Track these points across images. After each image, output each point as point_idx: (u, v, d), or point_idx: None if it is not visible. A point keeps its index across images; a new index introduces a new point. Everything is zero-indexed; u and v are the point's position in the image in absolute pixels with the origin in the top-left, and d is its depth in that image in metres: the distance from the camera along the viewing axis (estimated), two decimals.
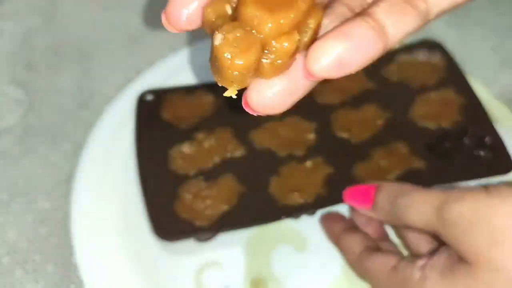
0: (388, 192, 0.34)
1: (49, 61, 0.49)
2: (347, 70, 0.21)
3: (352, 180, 0.38)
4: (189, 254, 0.37)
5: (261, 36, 0.21)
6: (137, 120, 0.43)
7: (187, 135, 0.42)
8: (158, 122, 0.43)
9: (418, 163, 0.40)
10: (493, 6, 0.51)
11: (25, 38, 0.50)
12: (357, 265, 0.34)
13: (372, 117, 0.43)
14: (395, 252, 0.35)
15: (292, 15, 0.21)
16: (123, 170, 0.41)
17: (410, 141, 0.41)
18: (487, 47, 0.49)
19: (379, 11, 0.22)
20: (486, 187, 0.30)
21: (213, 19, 0.23)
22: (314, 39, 0.22)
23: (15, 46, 0.50)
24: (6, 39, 0.50)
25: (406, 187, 0.33)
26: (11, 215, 0.39)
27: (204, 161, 0.40)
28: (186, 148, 0.41)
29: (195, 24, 0.24)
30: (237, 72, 0.21)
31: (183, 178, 0.40)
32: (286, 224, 0.38)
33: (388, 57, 0.45)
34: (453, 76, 0.44)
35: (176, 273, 0.36)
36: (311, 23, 0.22)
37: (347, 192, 0.36)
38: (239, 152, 0.41)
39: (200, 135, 0.42)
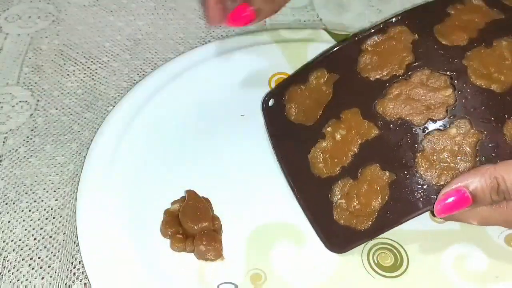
0: (484, 183, 0.33)
1: (55, 63, 0.49)
2: None
3: (509, 145, 0.34)
4: None
5: None
6: (269, 131, 0.42)
7: (317, 131, 0.39)
8: (288, 126, 0.41)
9: None
10: None
11: (32, 41, 0.51)
12: None
13: (510, 53, 0.36)
14: None
15: None
16: (128, 169, 0.41)
17: None
18: None
19: None
20: None
21: None
22: None
23: (22, 48, 0.50)
24: (13, 42, 0.51)
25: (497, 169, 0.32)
26: (18, 213, 0.39)
27: (342, 156, 0.37)
28: (322, 148, 0.39)
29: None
30: None
31: (330, 183, 0.37)
32: (286, 220, 0.39)
33: None
34: None
35: (179, 268, 0.37)
36: None
37: (440, 208, 0.34)
38: (373, 133, 0.37)
39: (329, 129, 0.39)
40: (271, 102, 0.44)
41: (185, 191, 0.39)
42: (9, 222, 0.39)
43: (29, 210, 0.40)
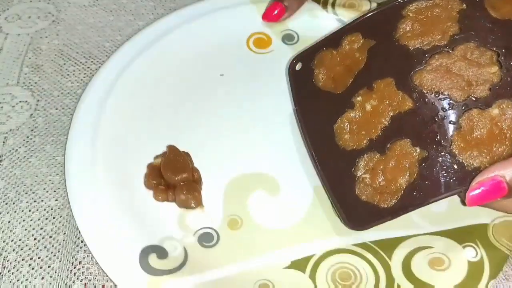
0: None
1: (55, 63, 0.49)
2: None
3: None
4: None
5: None
6: (295, 98, 0.40)
7: (346, 100, 0.37)
8: (315, 93, 0.39)
9: None
10: None
11: (32, 41, 0.51)
12: None
13: None
14: None
15: None
16: (113, 129, 0.43)
17: None
18: None
19: None
20: None
21: None
22: None
23: (22, 48, 0.50)
24: (13, 42, 0.51)
25: None
26: (18, 213, 0.40)
27: (371, 129, 0.36)
28: (349, 118, 0.37)
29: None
30: None
31: (355, 156, 0.36)
32: (261, 172, 0.42)
33: None
34: None
35: (162, 216, 0.39)
36: None
37: (472, 197, 0.32)
38: (407, 105, 0.34)
39: (359, 98, 0.37)
40: (298, 66, 0.42)
41: (166, 146, 0.42)
42: (9, 222, 0.39)
43: (29, 210, 0.40)
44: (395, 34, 0.36)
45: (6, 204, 0.40)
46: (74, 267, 0.37)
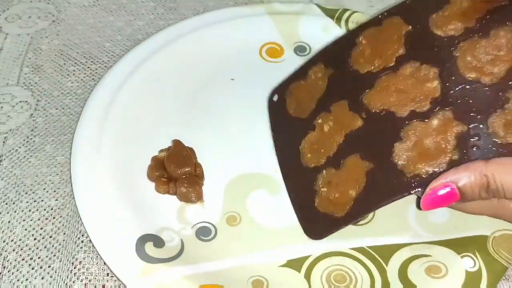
0: (473, 180, 0.32)
1: (55, 63, 0.49)
2: None
3: (491, 138, 0.33)
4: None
5: None
6: (272, 126, 0.44)
7: (309, 123, 0.41)
8: (286, 120, 0.43)
9: None
10: None
11: (32, 41, 0.51)
12: None
13: (507, 44, 0.34)
14: None
15: None
16: (122, 123, 0.44)
17: None
18: None
19: None
20: None
21: None
22: None
23: (22, 48, 0.50)
24: (13, 42, 0.51)
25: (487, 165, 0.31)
26: (18, 213, 0.40)
27: (328, 147, 0.39)
28: (311, 139, 0.40)
29: None
30: None
31: (316, 172, 0.39)
32: (263, 172, 0.42)
33: None
34: None
35: (162, 208, 0.40)
36: None
37: (426, 202, 0.33)
38: (357, 124, 0.38)
39: (319, 121, 0.40)
40: (275, 98, 0.45)
41: (171, 140, 0.43)
42: (9, 222, 0.39)
43: (29, 210, 0.40)
44: (350, 61, 0.40)
45: (6, 204, 0.40)
46: (74, 267, 0.37)
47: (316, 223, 0.38)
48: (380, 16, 0.40)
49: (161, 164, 0.41)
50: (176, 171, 0.40)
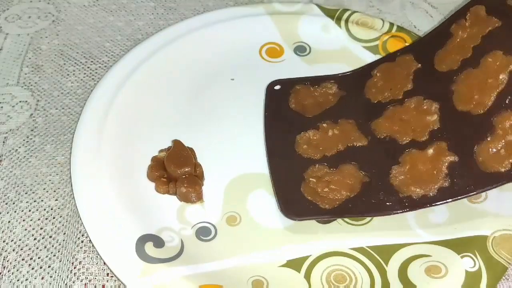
0: None
1: (55, 63, 0.49)
2: None
3: (476, 168, 0.36)
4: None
5: None
6: (267, 107, 0.45)
7: (312, 123, 0.43)
8: (286, 110, 0.45)
9: None
10: None
11: (32, 41, 0.51)
12: None
13: (493, 71, 0.37)
14: None
15: None
16: (122, 123, 0.44)
17: None
18: None
19: None
20: None
21: None
22: None
23: (22, 48, 0.50)
24: (13, 42, 0.51)
25: None
26: (18, 213, 0.40)
27: (328, 148, 0.41)
28: (311, 135, 0.42)
29: None
30: None
31: (308, 163, 0.41)
32: (263, 172, 0.42)
33: None
34: None
35: (162, 208, 0.40)
36: None
37: None
38: (362, 143, 0.41)
39: (324, 125, 0.43)
40: (277, 87, 0.46)
41: (171, 140, 0.43)
42: (9, 222, 0.39)
43: (29, 210, 0.40)
44: (363, 90, 0.45)
45: (6, 204, 0.40)
46: (74, 267, 0.37)
47: (298, 204, 0.39)
48: (393, 54, 0.45)
49: (161, 164, 0.41)
50: (176, 171, 0.40)
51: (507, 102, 0.36)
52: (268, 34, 0.51)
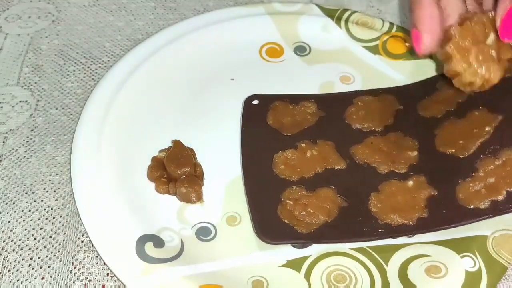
0: None
1: (55, 63, 0.49)
2: None
3: (456, 203, 0.38)
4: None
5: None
6: (244, 122, 0.44)
7: (290, 142, 0.42)
8: (263, 126, 0.44)
9: None
10: None
11: (32, 41, 0.51)
12: None
13: (479, 123, 0.40)
14: None
15: None
16: (122, 123, 0.44)
17: None
18: None
19: None
20: None
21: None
22: None
23: (22, 48, 0.50)
24: (13, 42, 0.51)
25: None
26: (18, 213, 0.40)
27: (306, 170, 0.41)
28: (289, 154, 0.42)
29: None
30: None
31: (285, 184, 0.40)
32: None
33: None
34: None
35: (162, 208, 0.40)
36: None
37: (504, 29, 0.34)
38: (340, 166, 0.41)
39: (303, 144, 0.42)
40: (255, 102, 0.46)
41: (171, 140, 0.43)
42: (9, 222, 0.39)
43: (29, 210, 0.40)
44: (344, 114, 0.45)
45: (6, 204, 0.40)
46: (74, 267, 0.37)
47: (274, 227, 0.38)
48: (378, 90, 0.46)
49: (161, 164, 0.41)
50: (176, 171, 0.40)
51: (491, 149, 0.39)
52: (268, 34, 0.51)
